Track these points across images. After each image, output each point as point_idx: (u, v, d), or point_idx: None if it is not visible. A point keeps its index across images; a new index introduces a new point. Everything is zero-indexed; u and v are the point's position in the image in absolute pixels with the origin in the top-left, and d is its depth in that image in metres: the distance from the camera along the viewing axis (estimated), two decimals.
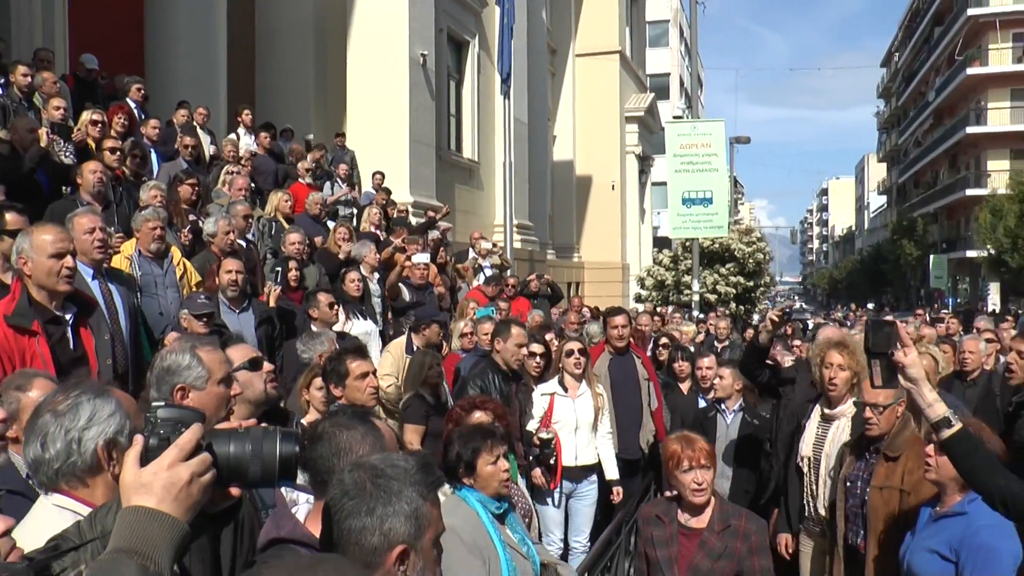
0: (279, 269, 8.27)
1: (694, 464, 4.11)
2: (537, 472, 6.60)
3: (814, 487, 5.30)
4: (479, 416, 4.66)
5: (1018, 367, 5.37)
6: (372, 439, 2.54)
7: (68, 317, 4.38)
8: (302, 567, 1.48)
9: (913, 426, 4.51)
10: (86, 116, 9.27)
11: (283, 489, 2.93)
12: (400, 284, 10.24)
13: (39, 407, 2.19)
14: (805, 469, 5.46)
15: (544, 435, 6.58)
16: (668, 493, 4.55)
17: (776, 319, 6.16)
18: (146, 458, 1.67)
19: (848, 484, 4.59)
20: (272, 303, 7.59)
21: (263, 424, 1.98)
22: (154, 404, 1.77)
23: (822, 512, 5.13)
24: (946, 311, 27.92)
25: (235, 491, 1.84)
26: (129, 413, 2.21)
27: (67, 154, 8.63)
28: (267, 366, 3.77)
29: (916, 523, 3.92)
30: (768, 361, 6.97)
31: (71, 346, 4.29)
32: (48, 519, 2.04)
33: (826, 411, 5.41)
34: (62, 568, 1.80)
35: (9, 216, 5.72)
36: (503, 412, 4.90)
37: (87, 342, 4.46)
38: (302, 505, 2.80)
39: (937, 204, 58.71)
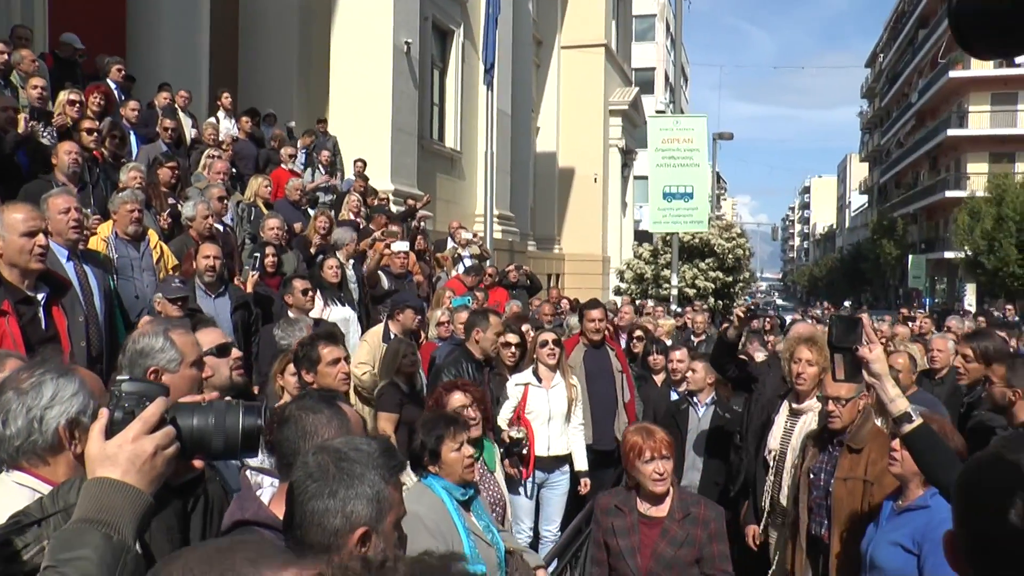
0: (257, 255, 8.25)
1: (655, 455, 4.17)
2: (506, 463, 6.65)
3: (779, 479, 5.38)
4: (459, 397, 4.71)
5: (965, 370, 5.45)
6: (338, 422, 2.57)
7: (40, 297, 4.36)
8: (221, 549, 1.46)
9: (875, 419, 4.60)
10: (63, 96, 9.18)
11: (248, 472, 2.95)
12: (379, 272, 10.25)
13: (2, 384, 2.19)
14: (771, 462, 5.55)
15: (515, 434, 6.62)
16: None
17: (742, 315, 6.30)
18: (111, 431, 1.69)
19: (812, 476, 4.66)
20: (249, 288, 7.57)
21: (226, 398, 2.01)
22: (119, 378, 1.79)
23: (786, 504, 5.20)
24: (922, 311, 28.18)
25: (198, 463, 1.87)
26: (93, 393, 2.21)
27: (46, 135, 8.57)
28: (235, 353, 3.77)
29: (879, 516, 4.00)
30: (741, 356, 7.07)
31: (43, 327, 4.27)
32: (8, 496, 2.05)
33: (794, 406, 5.49)
34: (25, 544, 1.82)
35: None
36: (482, 395, 4.97)
37: (59, 323, 4.45)
38: (266, 488, 2.83)
39: (917, 205, 59.15)
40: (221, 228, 8.71)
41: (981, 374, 5.22)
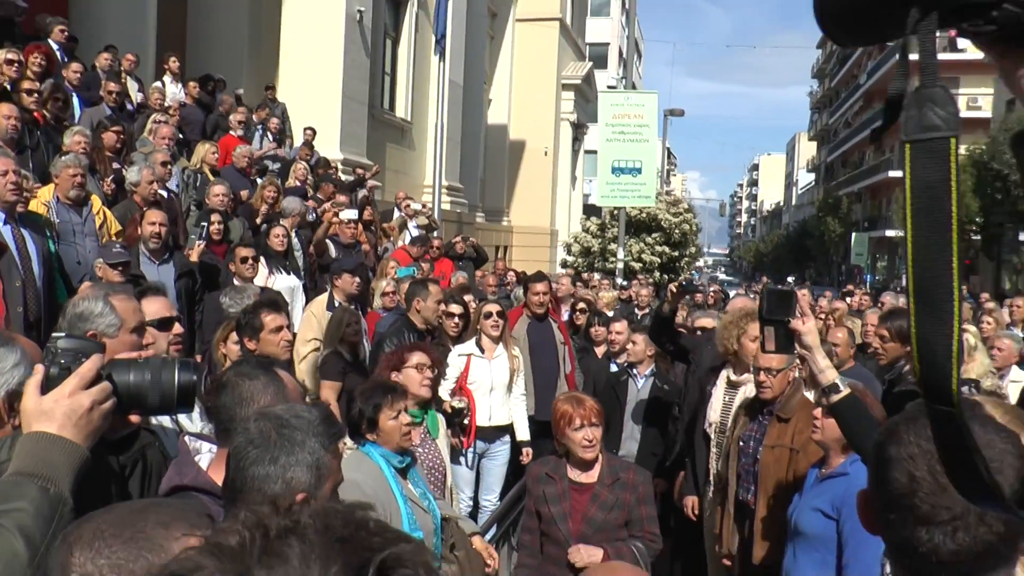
0: (204, 224, 8.20)
1: (585, 422, 4.27)
2: (448, 432, 6.72)
3: (721, 451, 5.53)
4: (419, 357, 4.78)
5: (884, 349, 5.63)
6: (274, 389, 2.59)
7: None
8: (135, 510, 1.49)
9: (804, 390, 4.76)
10: (0, 55, 8.99)
11: (186, 438, 2.99)
12: (327, 241, 10.23)
13: None
14: (712, 434, 5.70)
15: (457, 404, 6.71)
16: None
17: (674, 290, 6.46)
18: (47, 387, 1.72)
19: (741, 444, 4.82)
20: (194, 258, 7.53)
21: (162, 355, 2.05)
22: (55, 335, 1.83)
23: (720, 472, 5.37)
24: (863, 287, 28.77)
25: (134, 418, 1.91)
26: (34, 362, 2.15)
27: None
28: (176, 328, 3.78)
29: (804, 483, 4.17)
30: (681, 329, 7.23)
31: None
32: None
33: (732, 378, 5.64)
34: None
35: None
36: (438, 359, 5.04)
37: None
38: (205, 454, 2.86)
39: (862, 184, 60.10)
40: (166, 194, 8.63)
41: (899, 352, 5.40)
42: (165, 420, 3.24)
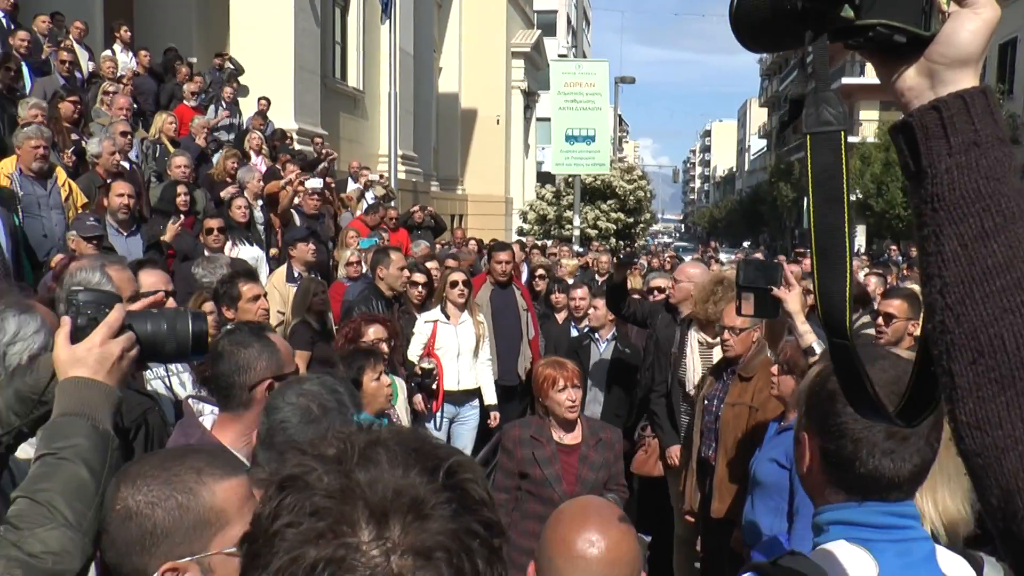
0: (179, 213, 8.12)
1: (568, 384, 4.45)
2: (418, 398, 6.85)
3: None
4: (376, 329, 4.89)
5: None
6: (268, 355, 2.73)
7: None
8: (177, 454, 1.65)
9: (767, 351, 4.97)
10: None
11: (190, 400, 3.10)
12: (292, 211, 10.26)
13: None
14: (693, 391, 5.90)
15: (426, 365, 6.84)
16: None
17: (617, 262, 6.75)
18: (75, 336, 1.84)
19: (705, 402, 5.03)
20: (169, 237, 7.50)
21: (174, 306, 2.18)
22: (74, 289, 1.95)
23: None
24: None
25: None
26: (52, 329, 2.25)
27: None
28: (170, 303, 3.88)
29: (764, 437, 4.38)
30: (636, 295, 7.47)
31: None
32: None
33: (710, 340, 5.84)
34: None
35: None
36: (396, 330, 5.16)
37: None
38: (207, 415, 2.98)
39: None
40: (128, 166, 8.61)
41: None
42: (160, 387, 3.35)
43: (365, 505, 0.89)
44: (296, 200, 10.49)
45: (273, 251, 9.49)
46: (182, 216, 8.16)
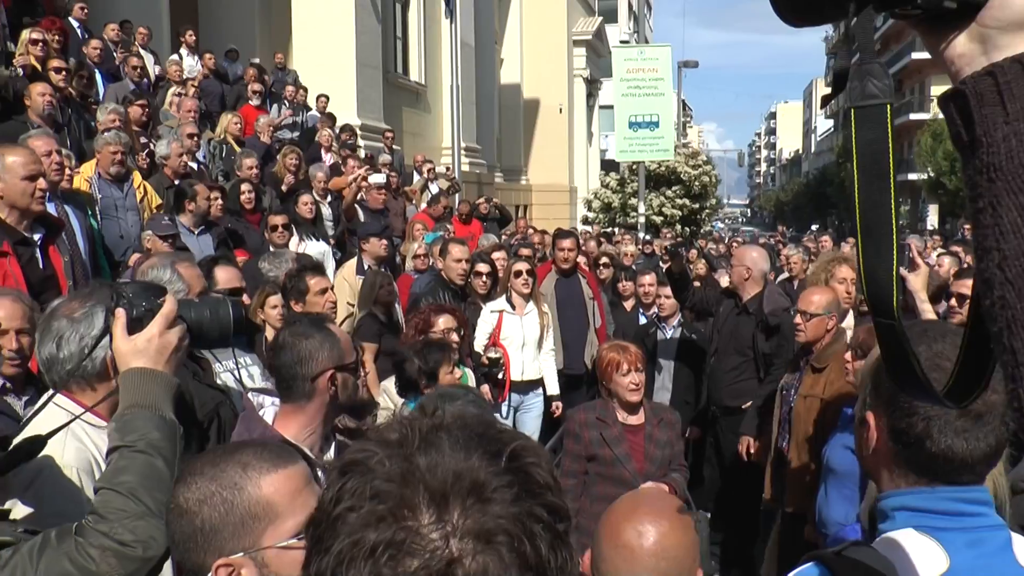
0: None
1: (631, 367, 4.48)
2: (485, 388, 6.88)
3: None
4: (446, 319, 4.94)
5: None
6: (329, 345, 2.74)
7: (37, 238, 4.50)
8: (227, 451, 1.68)
9: (844, 341, 4.87)
10: (26, 35, 9.11)
11: (250, 394, 3.15)
12: (356, 207, 10.37)
13: (54, 310, 2.29)
14: None
15: (493, 354, 6.86)
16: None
17: (666, 251, 6.67)
18: (132, 328, 1.92)
19: (783, 393, 4.98)
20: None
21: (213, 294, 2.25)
22: (121, 281, 2.02)
23: None
24: None
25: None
26: None
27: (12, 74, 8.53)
28: (244, 299, 4.02)
29: (839, 423, 4.30)
30: (697, 283, 7.46)
31: (40, 266, 4.41)
32: (49, 414, 2.18)
33: None
34: None
35: None
36: (464, 320, 5.20)
37: (56, 261, 4.58)
38: (268, 408, 3.02)
39: None
40: (195, 166, 8.79)
41: None
42: (230, 380, 3.42)
43: (425, 488, 0.89)
44: (360, 195, 10.59)
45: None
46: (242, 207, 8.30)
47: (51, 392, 2.15)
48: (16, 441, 1.93)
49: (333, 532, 0.90)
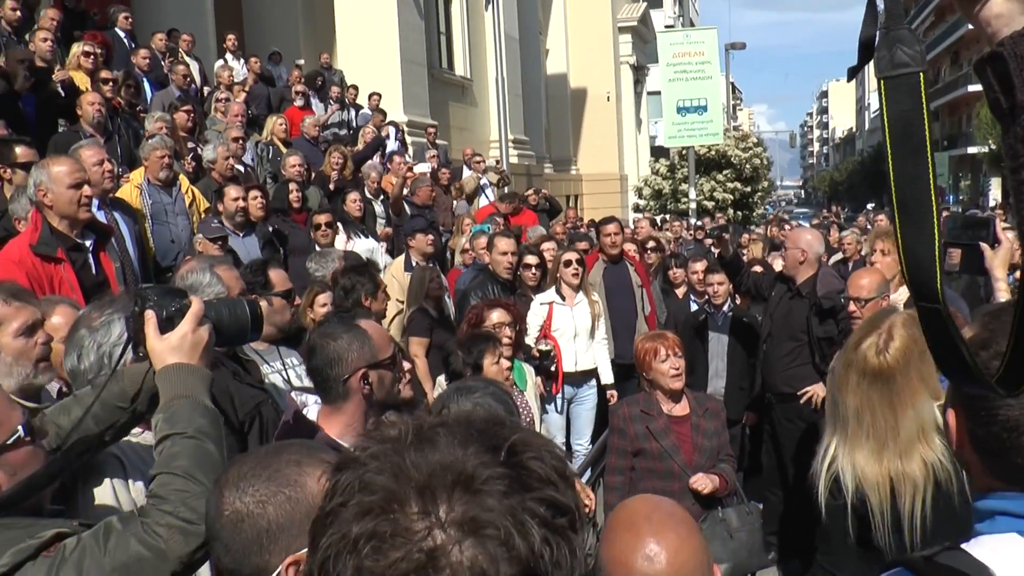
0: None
1: (670, 353, 4.42)
2: (538, 381, 6.85)
3: None
4: (499, 313, 4.92)
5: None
6: (359, 344, 2.72)
7: (88, 244, 4.59)
8: (271, 452, 1.71)
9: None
10: (77, 48, 9.28)
11: (293, 393, 3.16)
12: (403, 202, 10.40)
13: (77, 321, 2.37)
14: None
15: (543, 347, 6.82)
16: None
17: (708, 234, 6.58)
18: (163, 327, 1.98)
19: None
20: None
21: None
22: (144, 286, 2.09)
23: None
24: (946, 209, 28.13)
25: None
26: None
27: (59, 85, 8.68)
28: (297, 300, 4.08)
29: None
30: (755, 268, 7.32)
31: (93, 271, 4.50)
32: None
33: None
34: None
35: (19, 150, 5.92)
36: (519, 316, 5.17)
37: (108, 267, 4.69)
38: (311, 406, 3.02)
39: (939, 101, 58.10)
40: (242, 169, 8.89)
41: None
42: (278, 380, 3.44)
43: (413, 481, 0.89)
44: (405, 191, 10.63)
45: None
46: (289, 206, 8.41)
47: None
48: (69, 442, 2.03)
49: (323, 528, 0.91)
